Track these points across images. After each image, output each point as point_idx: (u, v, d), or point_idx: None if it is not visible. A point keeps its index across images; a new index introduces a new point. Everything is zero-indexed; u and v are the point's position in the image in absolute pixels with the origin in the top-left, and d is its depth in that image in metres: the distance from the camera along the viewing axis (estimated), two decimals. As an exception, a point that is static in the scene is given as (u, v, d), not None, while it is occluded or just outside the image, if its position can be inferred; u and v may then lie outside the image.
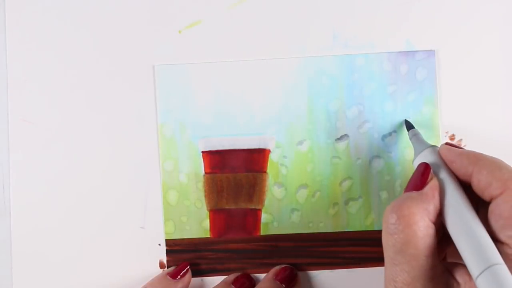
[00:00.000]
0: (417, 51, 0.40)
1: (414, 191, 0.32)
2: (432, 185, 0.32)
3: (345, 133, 0.40)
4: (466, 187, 0.33)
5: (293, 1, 0.40)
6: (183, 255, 0.40)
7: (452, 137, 0.40)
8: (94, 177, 0.40)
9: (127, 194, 0.40)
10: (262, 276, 0.40)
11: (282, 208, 0.40)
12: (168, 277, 0.38)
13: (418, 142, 0.37)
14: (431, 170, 0.33)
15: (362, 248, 0.40)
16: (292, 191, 0.40)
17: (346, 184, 0.40)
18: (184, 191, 0.40)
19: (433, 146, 0.35)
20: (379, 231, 0.40)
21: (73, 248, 0.40)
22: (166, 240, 0.40)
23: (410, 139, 0.38)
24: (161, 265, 0.40)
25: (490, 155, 0.32)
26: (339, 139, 0.40)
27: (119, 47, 0.40)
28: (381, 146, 0.40)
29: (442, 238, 0.32)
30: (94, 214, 0.40)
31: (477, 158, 0.32)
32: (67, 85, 0.40)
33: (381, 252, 0.40)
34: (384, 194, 0.40)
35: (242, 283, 0.39)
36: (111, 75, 0.40)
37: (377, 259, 0.40)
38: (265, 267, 0.40)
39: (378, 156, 0.40)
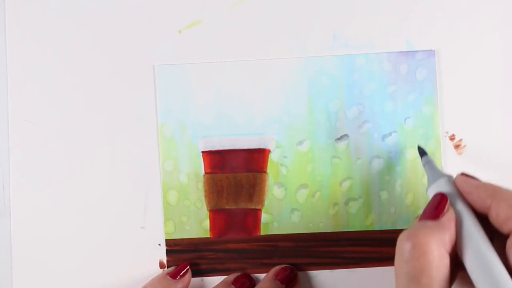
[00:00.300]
0: (417, 51, 0.40)
1: (430, 221, 0.32)
2: (449, 216, 0.32)
3: (345, 133, 0.40)
4: (481, 219, 0.32)
5: (293, 1, 0.40)
6: (183, 255, 0.40)
7: (452, 137, 0.40)
8: (94, 177, 0.40)
9: (127, 194, 0.40)
10: (262, 276, 0.40)
11: (282, 208, 0.40)
12: (168, 277, 0.38)
13: (432, 171, 0.36)
14: (448, 200, 0.33)
15: (362, 248, 0.40)
16: (292, 191, 0.40)
17: (346, 184, 0.40)
18: (184, 191, 0.40)
19: (449, 176, 0.35)
20: (379, 231, 0.40)
21: (73, 248, 0.40)
22: (166, 240, 0.40)
23: (424, 166, 0.38)
24: (161, 265, 0.40)
25: (507, 187, 0.32)
26: (339, 139, 0.40)
27: (119, 47, 0.40)
28: (381, 146, 0.40)
29: (454, 270, 0.32)
30: (94, 214, 0.40)
31: (495, 191, 0.32)
32: (67, 85, 0.40)
33: (381, 252, 0.40)
34: (384, 194, 0.40)
35: (242, 283, 0.39)
36: (111, 75, 0.40)
37: (377, 259, 0.40)
38: (265, 267, 0.40)
39: (378, 156, 0.40)
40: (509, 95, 0.40)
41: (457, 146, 0.40)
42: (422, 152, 0.39)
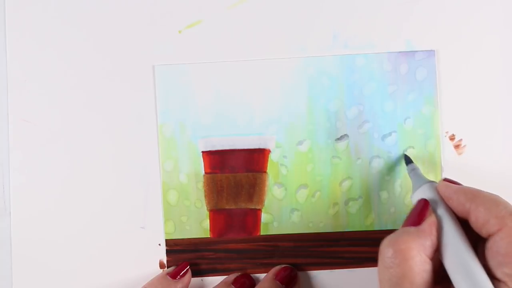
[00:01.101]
0: (417, 51, 0.40)
1: (411, 226, 0.32)
2: (430, 221, 0.32)
3: (345, 133, 0.40)
4: (464, 223, 0.32)
5: (293, 1, 0.40)
6: (183, 255, 0.40)
7: (452, 137, 0.40)
8: (94, 177, 0.40)
9: (127, 194, 0.40)
10: (262, 276, 0.40)
11: (282, 208, 0.40)
12: (168, 277, 0.38)
13: (416, 177, 0.37)
14: (430, 206, 0.33)
15: (362, 248, 0.40)
16: (292, 191, 0.40)
17: (346, 184, 0.40)
18: (184, 191, 0.40)
19: (431, 182, 0.35)
20: (379, 231, 0.40)
21: (73, 248, 0.40)
22: (166, 240, 0.40)
23: (409, 173, 0.38)
24: (161, 265, 0.40)
25: (488, 191, 0.32)
26: (339, 139, 0.40)
27: (119, 47, 0.40)
28: (381, 146, 0.40)
29: (444, 276, 0.32)
30: (94, 214, 0.40)
31: (474, 195, 0.32)
32: (67, 85, 0.40)
33: (381, 252, 0.40)
34: (384, 194, 0.40)
35: (242, 283, 0.39)
36: (111, 75, 0.40)
37: (377, 259, 0.40)
38: (265, 267, 0.40)
39: (378, 156, 0.40)
40: (509, 95, 0.40)
41: (457, 146, 0.40)
42: (408, 160, 0.39)
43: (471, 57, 0.40)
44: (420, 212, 0.33)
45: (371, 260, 0.40)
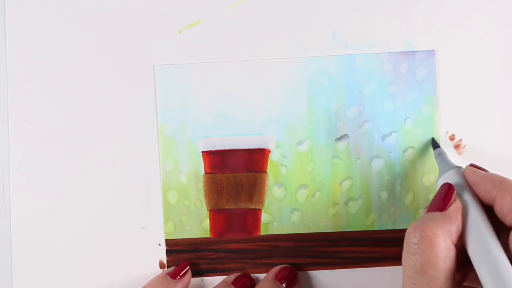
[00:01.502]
0: (417, 51, 0.40)
1: (437, 212, 0.32)
2: (455, 207, 0.32)
3: (345, 133, 0.40)
4: (488, 210, 0.32)
5: (293, 1, 0.40)
6: (183, 255, 0.40)
7: (452, 137, 0.40)
8: (94, 177, 0.40)
9: (127, 194, 0.40)
10: (262, 276, 0.40)
11: (282, 208, 0.40)
12: (168, 277, 0.38)
13: (443, 162, 0.37)
14: (455, 191, 0.33)
15: (362, 248, 0.40)
16: (292, 191, 0.40)
17: (346, 184, 0.40)
18: (184, 191, 0.40)
19: (458, 167, 0.35)
20: (379, 231, 0.40)
21: (73, 248, 0.40)
22: (166, 240, 0.40)
23: (436, 158, 0.38)
24: (161, 265, 0.40)
25: None
26: (339, 139, 0.40)
27: (119, 47, 0.40)
28: (381, 146, 0.40)
29: (464, 262, 0.32)
30: (94, 214, 0.40)
31: (501, 183, 0.32)
32: (67, 85, 0.40)
33: (381, 252, 0.40)
34: (384, 194, 0.40)
35: (242, 283, 0.39)
36: (111, 75, 0.40)
37: (377, 259, 0.40)
38: (265, 267, 0.40)
39: (378, 156, 0.40)
40: (509, 95, 0.40)
41: (457, 146, 0.40)
42: (435, 144, 0.39)
43: (471, 57, 0.40)
44: (445, 197, 0.33)
45: (371, 260, 0.40)
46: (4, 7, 0.41)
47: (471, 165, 0.34)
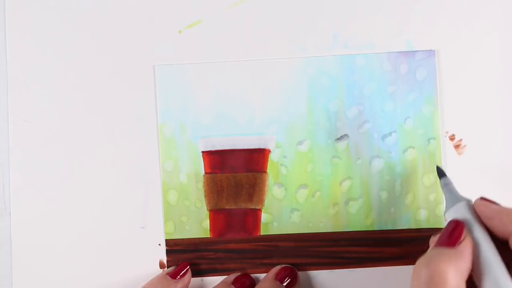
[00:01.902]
0: (417, 51, 0.40)
1: (447, 247, 0.31)
2: (466, 243, 0.32)
3: (345, 133, 0.40)
4: (500, 244, 0.32)
5: (293, 1, 0.40)
6: (183, 255, 0.40)
7: (452, 137, 0.40)
8: (94, 177, 0.40)
9: (127, 194, 0.40)
10: (262, 276, 0.40)
11: (282, 208, 0.40)
12: (168, 277, 0.38)
13: (450, 194, 0.36)
14: (465, 227, 0.33)
15: (362, 248, 0.40)
16: (292, 191, 0.40)
17: (346, 184, 0.40)
18: (184, 191, 0.40)
19: (467, 200, 0.34)
20: (379, 231, 0.40)
21: (73, 248, 0.40)
22: (166, 240, 0.40)
23: (442, 188, 0.37)
24: (161, 265, 0.40)
25: None
26: (339, 139, 0.40)
27: (119, 47, 0.40)
28: (381, 146, 0.40)
29: None
30: (94, 214, 0.40)
31: None
32: (67, 85, 0.40)
33: (381, 252, 0.40)
34: (384, 194, 0.40)
35: (242, 283, 0.39)
36: (111, 75, 0.40)
37: (377, 259, 0.40)
38: (265, 267, 0.40)
39: (378, 156, 0.40)
40: (509, 95, 0.40)
41: (457, 146, 0.40)
42: (441, 174, 0.38)
43: (471, 57, 0.40)
44: (455, 233, 0.32)
45: (371, 260, 0.40)
46: (4, 7, 0.41)
47: (482, 198, 0.34)
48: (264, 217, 0.40)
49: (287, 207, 0.40)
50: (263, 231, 0.40)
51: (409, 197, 0.40)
